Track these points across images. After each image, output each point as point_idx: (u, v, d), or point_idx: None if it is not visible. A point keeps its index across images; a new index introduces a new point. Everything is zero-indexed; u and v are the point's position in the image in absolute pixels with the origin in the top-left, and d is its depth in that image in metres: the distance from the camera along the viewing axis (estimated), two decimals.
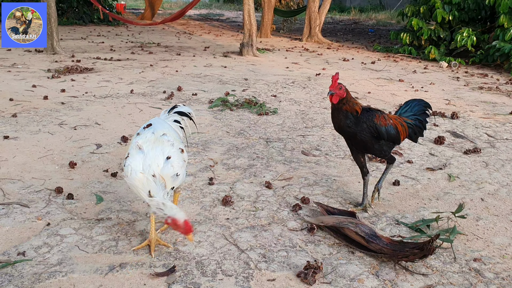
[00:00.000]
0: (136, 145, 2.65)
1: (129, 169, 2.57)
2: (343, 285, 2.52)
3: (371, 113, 3.20)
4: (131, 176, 2.56)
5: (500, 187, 3.92)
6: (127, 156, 2.65)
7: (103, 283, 2.46)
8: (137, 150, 2.63)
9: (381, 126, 3.18)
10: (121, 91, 6.87)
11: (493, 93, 7.95)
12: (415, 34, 12.08)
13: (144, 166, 2.57)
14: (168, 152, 2.67)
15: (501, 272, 2.70)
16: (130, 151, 2.66)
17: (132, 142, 2.74)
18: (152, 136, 2.72)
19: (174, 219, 2.48)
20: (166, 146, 2.71)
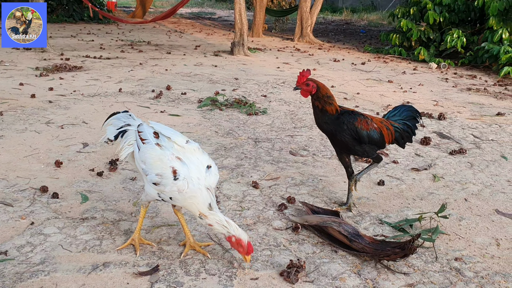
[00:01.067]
0: (175, 158, 2.51)
1: (186, 183, 2.47)
2: (325, 284, 2.54)
3: (353, 116, 3.21)
4: (191, 189, 2.47)
5: (483, 187, 3.96)
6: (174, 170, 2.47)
7: (86, 282, 2.46)
8: (180, 163, 2.51)
9: (363, 130, 3.19)
10: (110, 90, 6.85)
11: (481, 94, 8.02)
12: (405, 35, 12.15)
13: (194, 179, 2.50)
14: (206, 161, 2.62)
15: (481, 271, 2.73)
16: (174, 165, 2.49)
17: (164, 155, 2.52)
18: (181, 143, 2.63)
19: (239, 240, 2.48)
20: (199, 154, 2.64)
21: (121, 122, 2.83)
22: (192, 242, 2.79)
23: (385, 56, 12.45)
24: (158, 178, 2.50)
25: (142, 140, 2.63)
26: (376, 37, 17.66)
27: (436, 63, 10.97)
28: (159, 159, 2.53)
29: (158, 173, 2.51)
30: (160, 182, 2.50)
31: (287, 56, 11.87)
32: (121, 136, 2.77)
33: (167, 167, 2.49)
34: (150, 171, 2.54)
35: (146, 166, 2.56)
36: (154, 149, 2.57)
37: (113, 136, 2.78)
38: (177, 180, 2.47)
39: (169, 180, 2.48)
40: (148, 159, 2.56)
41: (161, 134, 2.65)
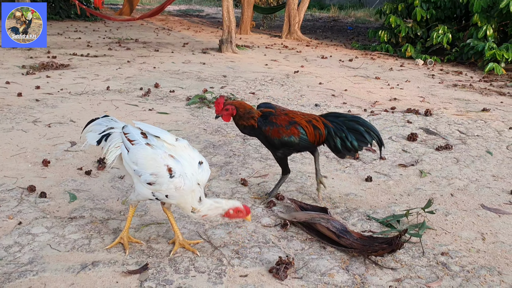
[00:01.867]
0: (168, 155, 2.51)
1: (182, 179, 2.48)
2: (314, 280, 2.56)
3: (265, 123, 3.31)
4: (187, 185, 2.49)
5: (469, 182, 4.02)
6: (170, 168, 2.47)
7: (75, 281, 2.46)
8: (173, 160, 2.51)
9: (273, 137, 3.30)
10: (97, 88, 6.81)
11: (467, 90, 8.11)
12: (392, 32, 12.23)
13: (188, 175, 2.52)
14: (197, 157, 2.64)
15: (466, 265, 2.77)
16: (168, 163, 2.48)
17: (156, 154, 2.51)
18: (169, 143, 2.63)
19: (237, 208, 2.57)
20: (189, 150, 2.65)
21: (103, 127, 2.78)
22: (181, 240, 2.80)
23: (372, 52, 12.51)
24: (153, 178, 2.49)
25: (131, 142, 2.60)
26: (363, 33, 17.74)
27: (422, 60, 11.05)
28: (151, 159, 2.51)
29: (152, 172, 2.49)
30: (156, 181, 2.49)
31: (275, 53, 11.88)
32: (105, 140, 2.72)
33: (161, 165, 2.48)
34: (144, 171, 2.51)
35: (139, 167, 2.53)
36: (145, 149, 2.55)
37: (96, 142, 2.73)
38: (174, 178, 2.47)
39: (165, 178, 2.47)
40: (140, 160, 2.53)
41: (148, 134, 2.64)
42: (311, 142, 3.34)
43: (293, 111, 3.45)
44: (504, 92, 8.00)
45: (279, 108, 3.43)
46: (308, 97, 6.94)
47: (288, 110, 3.45)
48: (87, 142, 2.77)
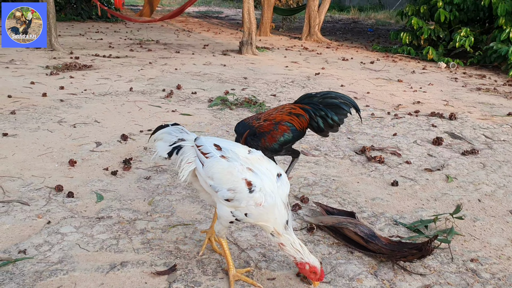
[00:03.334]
0: (245, 169, 2.31)
1: (262, 194, 2.25)
2: (342, 285, 2.54)
3: (257, 140, 3.29)
4: (268, 202, 2.26)
5: (497, 188, 3.95)
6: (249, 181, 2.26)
7: (104, 281, 2.48)
8: (252, 173, 2.30)
9: (271, 144, 3.30)
10: (120, 89, 6.88)
11: (491, 94, 7.99)
12: (414, 34, 12.10)
13: (268, 192, 2.28)
14: (275, 169, 2.40)
15: (497, 272, 2.73)
16: (246, 176, 2.28)
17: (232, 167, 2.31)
18: (242, 155, 2.41)
19: (314, 268, 2.33)
20: (265, 162, 2.43)
21: (174, 137, 2.59)
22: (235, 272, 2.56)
23: (393, 55, 12.41)
24: (231, 194, 2.28)
25: (204, 155, 2.40)
26: (384, 36, 17.62)
27: (445, 63, 10.92)
28: (228, 172, 2.30)
29: (230, 187, 2.28)
30: (234, 198, 2.28)
31: (295, 55, 11.86)
32: (176, 153, 2.53)
33: (239, 179, 2.27)
34: (221, 187, 2.31)
35: (215, 182, 2.33)
36: (221, 162, 2.34)
37: (167, 154, 2.53)
38: (253, 192, 2.25)
39: (244, 193, 2.26)
40: (216, 174, 2.33)
41: (222, 146, 2.45)
42: (301, 130, 3.38)
43: (267, 112, 3.43)
44: None
45: (253, 120, 3.39)
46: None
47: (263, 114, 3.42)
48: (157, 153, 2.58)
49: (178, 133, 2.63)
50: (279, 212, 2.31)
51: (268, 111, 3.46)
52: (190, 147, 2.53)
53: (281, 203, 2.32)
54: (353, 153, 4.64)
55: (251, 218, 2.32)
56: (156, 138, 2.63)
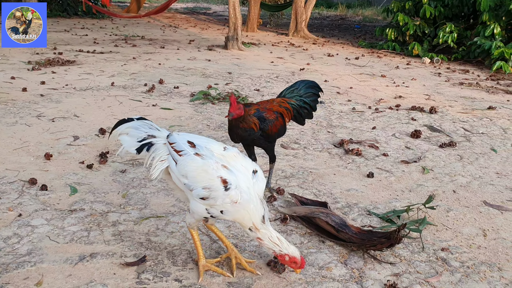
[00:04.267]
0: (220, 166, 2.27)
1: (238, 192, 2.23)
2: (312, 273, 2.55)
3: (265, 124, 3.28)
4: (244, 199, 2.25)
5: (472, 179, 3.99)
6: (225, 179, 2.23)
7: (72, 272, 2.47)
8: (227, 171, 2.27)
9: (273, 133, 3.36)
10: (102, 84, 6.83)
11: (473, 88, 8.05)
12: (400, 30, 12.15)
13: (244, 188, 2.27)
14: (251, 166, 2.37)
15: (467, 261, 2.75)
16: (221, 174, 2.24)
17: (207, 165, 2.27)
18: (217, 152, 2.37)
19: (294, 258, 2.32)
20: (241, 159, 2.39)
21: (142, 133, 2.52)
22: (237, 253, 2.58)
23: (379, 51, 12.45)
24: (206, 192, 2.25)
25: (178, 152, 2.35)
26: (370, 32, 17.67)
27: (429, 58, 10.98)
28: (203, 170, 2.26)
29: (205, 186, 2.24)
30: (209, 196, 2.25)
31: (281, 50, 11.86)
32: (147, 150, 2.47)
33: (214, 177, 2.24)
34: (195, 185, 2.27)
35: (189, 180, 2.29)
36: (195, 160, 2.29)
37: (135, 150, 2.48)
38: (229, 190, 2.22)
39: (219, 192, 2.23)
40: (191, 172, 2.28)
41: (195, 143, 2.40)
42: (287, 123, 3.51)
43: (264, 102, 3.47)
44: (510, 91, 7.93)
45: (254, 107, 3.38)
46: None
47: (261, 103, 3.45)
48: (124, 148, 2.53)
49: (147, 129, 2.56)
50: (255, 208, 2.29)
51: (261, 102, 3.47)
52: (162, 144, 2.48)
53: (257, 199, 2.31)
54: (331, 146, 4.66)
55: (227, 215, 2.31)
56: (121, 132, 2.56)
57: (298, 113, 3.51)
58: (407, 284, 2.49)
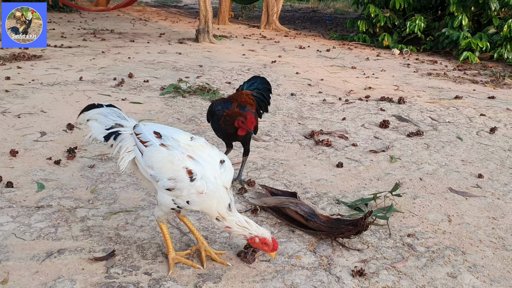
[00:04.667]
0: (186, 157, 2.26)
1: (204, 182, 2.22)
2: (282, 262, 2.58)
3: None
4: (210, 189, 2.24)
5: (438, 167, 4.08)
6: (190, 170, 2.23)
7: (39, 269, 2.43)
8: (193, 161, 2.25)
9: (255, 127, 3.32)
10: (70, 79, 6.71)
11: (441, 79, 8.21)
12: (370, 22, 12.28)
13: (211, 178, 2.26)
14: (218, 155, 2.37)
15: (432, 246, 2.82)
16: (187, 164, 2.24)
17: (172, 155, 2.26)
18: (184, 142, 2.35)
19: (264, 239, 2.32)
20: (208, 149, 2.38)
21: (110, 121, 2.50)
22: (207, 245, 2.59)
23: (350, 43, 12.56)
24: (172, 183, 2.24)
25: (144, 143, 2.34)
26: (341, 24, 17.80)
27: (398, 49, 11.14)
28: (168, 161, 2.26)
29: (170, 177, 2.24)
30: (175, 187, 2.24)
31: (253, 43, 11.85)
32: (114, 138, 2.46)
33: (180, 168, 2.23)
34: (161, 176, 2.26)
35: (155, 171, 2.28)
36: (161, 151, 2.29)
37: (103, 137, 2.46)
38: (195, 181, 2.22)
39: (185, 182, 2.23)
40: (156, 163, 2.28)
41: (162, 133, 2.39)
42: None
43: (236, 95, 3.47)
44: (477, 80, 8.12)
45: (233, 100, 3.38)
46: (284, 87, 6.95)
47: (234, 96, 3.45)
48: (92, 134, 2.50)
49: (115, 117, 2.55)
50: (221, 198, 2.29)
51: (234, 96, 3.47)
52: (129, 134, 2.46)
53: (223, 188, 2.31)
54: (302, 138, 4.69)
55: (194, 206, 2.30)
56: (90, 118, 2.54)
57: (259, 105, 3.56)
58: (374, 270, 2.55)
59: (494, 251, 2.81)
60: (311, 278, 2.46)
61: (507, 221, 3.17)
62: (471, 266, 2.63)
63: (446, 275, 2.55)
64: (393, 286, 2.43)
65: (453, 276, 2.53)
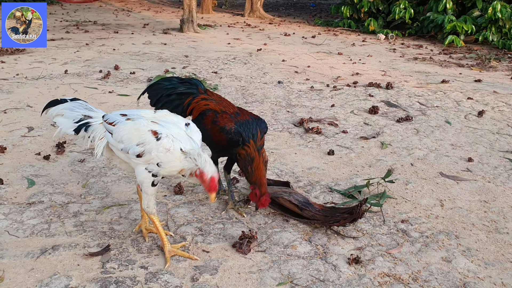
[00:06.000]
0: (150, 123, 2.38)
1: (170, 140, 2.31)
2: (277, 252, 2.59)
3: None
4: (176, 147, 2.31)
5: (429, 152, 4.11)
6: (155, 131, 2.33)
7: (35, 266, 2.41)
8: (157, 125, 2.37)
9: None
10: (55, 72, 6.61)
11: (427, 63, 8.25)
12: (355, 7, 12.27)
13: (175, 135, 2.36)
14: (183, 120, 2.49)
15: (425, 231, 2.85)
16: (152, 127, 2.35)
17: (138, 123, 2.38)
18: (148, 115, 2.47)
19: (203, 173, 2.33)
20: (172, 116, 2.50)
21: (78, 114, 2.54)
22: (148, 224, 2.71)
23: (335, 29, 12.55)
24: (141, 147, 2.33)
25: (112, 124, 2.45)
26: (326, 10, 17.76)
27: (384, 34, 11.16)
28: (135, 129, 2.37)
29: (138, 142, 2.34)
30: (144, 150, 2.33)
31: (238, 31, 11.77)
32: (85, 130, 2.50)
33: (145, 132, 2.34)
34: (130, 145, 2.36)
35: (125, 144, 2.38)
36: (127, 124, 2.41)
37: (72, 131, 2.51)
38: (161, 140, 2.31)
39: (152, 143, 2.32)
40: (125, 136, 2.38)
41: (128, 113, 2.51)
42: None
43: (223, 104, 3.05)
44: (463, 64, 8.18)
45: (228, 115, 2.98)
46: (271, 75, 6.92)
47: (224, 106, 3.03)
48: (61, 130, 2.53)
49: (82, 109, 2.60)
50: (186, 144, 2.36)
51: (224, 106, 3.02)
52: (99, 124, 2.52)
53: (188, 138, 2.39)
54: (291, 126, 4.69)
55: (165, 168, 2.36)
56: (57, 113, 2.59)
57: None
58: (370, 257, 2.57)
59: (487, 234, 2.85)
60: (308, 267, 2.47)
61: (499, 204, 3.22)
62: (465, 250, 2.67)
63: (440, 259, 2.58)
64: (389, 273, 2.45)
65: (447, 261, 2.57)
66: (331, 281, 2.37)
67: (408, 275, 2.44)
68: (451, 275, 2.45)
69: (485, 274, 2.48)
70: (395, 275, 2.44)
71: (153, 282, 2.33)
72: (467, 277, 2.44)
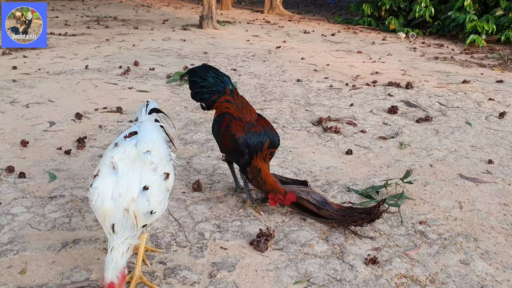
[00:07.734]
0: (109, 162, 2.12)
1: (96, 194, 2.05)
2: (294, 251, 2.60)
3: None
4: (96, 204, 2.05)
5: (448, 153, 4.07)
6: (96, 174, 2.11)
7: (56, 259, 2.46)
8: (110, 170, 2.11)
9: None
10: (76, 67, 6.70)
11: (448, 63, 8.15)
12: (376, 5, 12.19)
13: (114, 194, 2.05)
14: (147, 180, 2.11)
15: (444, 233, 2.83)
16: (101, 169, 2.12)
17: (105, 155, 2.19)
18: (133, 151, 2.19)
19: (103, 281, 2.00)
20: (147, 170, 2.15)
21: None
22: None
23: (354, 26, 12.47)
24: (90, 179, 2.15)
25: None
26: (346, 8, 17.65)
27: (404, 33, 11.06)
28: (102, 160, 2.20)
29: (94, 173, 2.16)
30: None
31: (257, 28, 11.78)
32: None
33: (97, 169, 2.15)
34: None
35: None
36: (109, 147, 2.27)
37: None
38: (90, 187, 2.09)
39: (90, 181, 2.13)
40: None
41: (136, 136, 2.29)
42: None
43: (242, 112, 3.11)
44: (484, 64, 8.06)
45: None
46: (290, 73, 6.92)
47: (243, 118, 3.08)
48: None
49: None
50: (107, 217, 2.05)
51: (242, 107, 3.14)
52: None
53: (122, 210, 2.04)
54: (310, 125, 4.69)
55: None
56: None
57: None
58: (387, 258, 2.56)
59: (506, 237, 2.82)
60: (324, 266, 2.48)
61: None
62: (483, 253, 2.65)
63: (458, 262, 2.56)
64: (406, 274, 2.44)
65: (465, 263, 2.55)
66: (347, 280, 2.38)
67: (425, 277, 2.43)
68: (468, 278, 2.44)
69: (503, 277, 2.46)
70: (412, 276, 2.43)
71: (171, 277, 2.36)
72: (485, 280, 2.42)
